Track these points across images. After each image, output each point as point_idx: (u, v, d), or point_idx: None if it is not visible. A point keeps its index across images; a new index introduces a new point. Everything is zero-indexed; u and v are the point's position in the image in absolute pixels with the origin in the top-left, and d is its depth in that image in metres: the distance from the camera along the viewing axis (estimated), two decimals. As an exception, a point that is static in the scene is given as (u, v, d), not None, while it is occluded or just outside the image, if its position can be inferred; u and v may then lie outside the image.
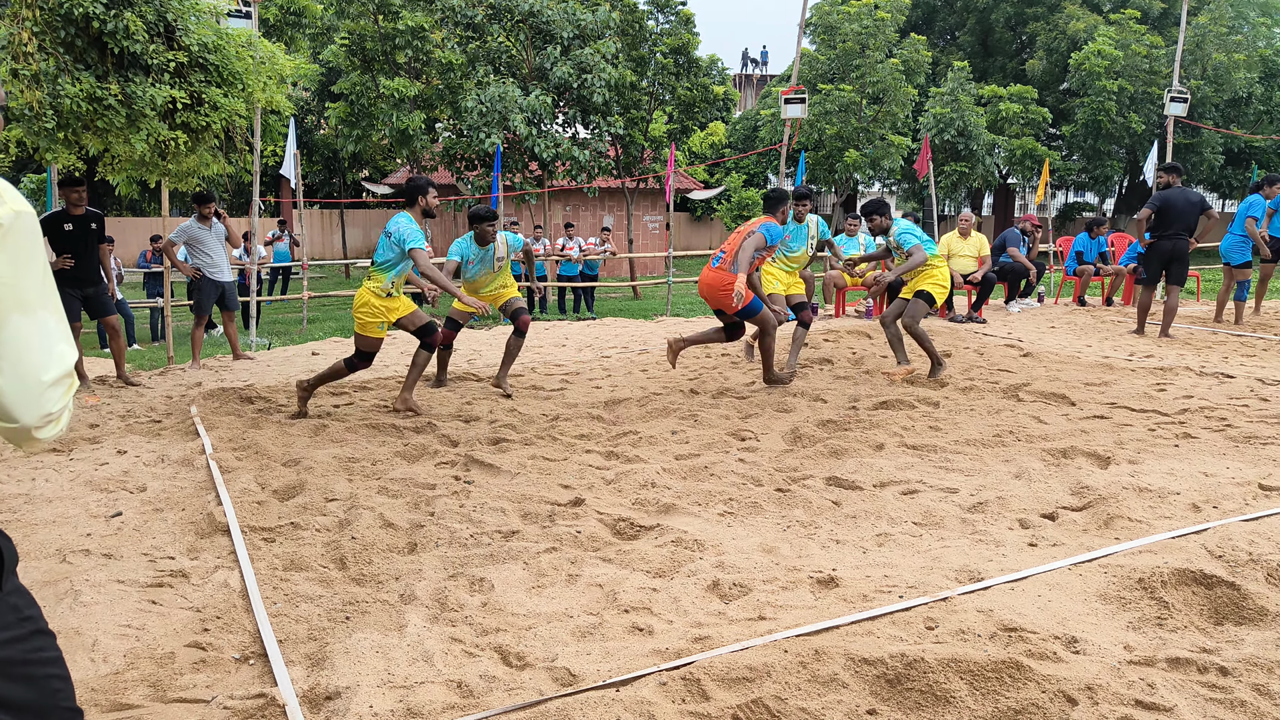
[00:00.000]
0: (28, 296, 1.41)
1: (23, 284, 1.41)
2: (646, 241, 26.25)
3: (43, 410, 1.43)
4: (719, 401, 6.49)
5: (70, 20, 5.89)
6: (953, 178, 25.41)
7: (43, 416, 1.43)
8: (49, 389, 1.43)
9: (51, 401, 1.44)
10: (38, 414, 1.43)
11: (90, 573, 3.44)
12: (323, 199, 28.28)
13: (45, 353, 1.43)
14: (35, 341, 1.42)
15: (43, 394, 1.42)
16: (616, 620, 3.01)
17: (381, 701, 2.49)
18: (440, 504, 4.20)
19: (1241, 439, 5.16)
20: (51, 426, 1.46)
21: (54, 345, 1.44)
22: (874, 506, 4.11)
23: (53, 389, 1.44)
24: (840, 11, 23.75)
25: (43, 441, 1.47)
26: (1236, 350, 8.59)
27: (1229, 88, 25.54)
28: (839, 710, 2.41)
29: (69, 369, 1.46)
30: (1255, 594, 2.99)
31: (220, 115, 6.62)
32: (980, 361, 7.98)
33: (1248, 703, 2.41)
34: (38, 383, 1.42)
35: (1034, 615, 2.89)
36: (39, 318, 1.43)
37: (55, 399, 1.45)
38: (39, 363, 1.42)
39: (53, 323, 1.45)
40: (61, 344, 1.46)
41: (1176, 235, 9.13)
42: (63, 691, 1.53)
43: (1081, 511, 4.02)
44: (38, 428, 1.44)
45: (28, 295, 1.41)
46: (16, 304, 1.40)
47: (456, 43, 17.31)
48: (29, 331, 1.41)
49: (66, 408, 1.47)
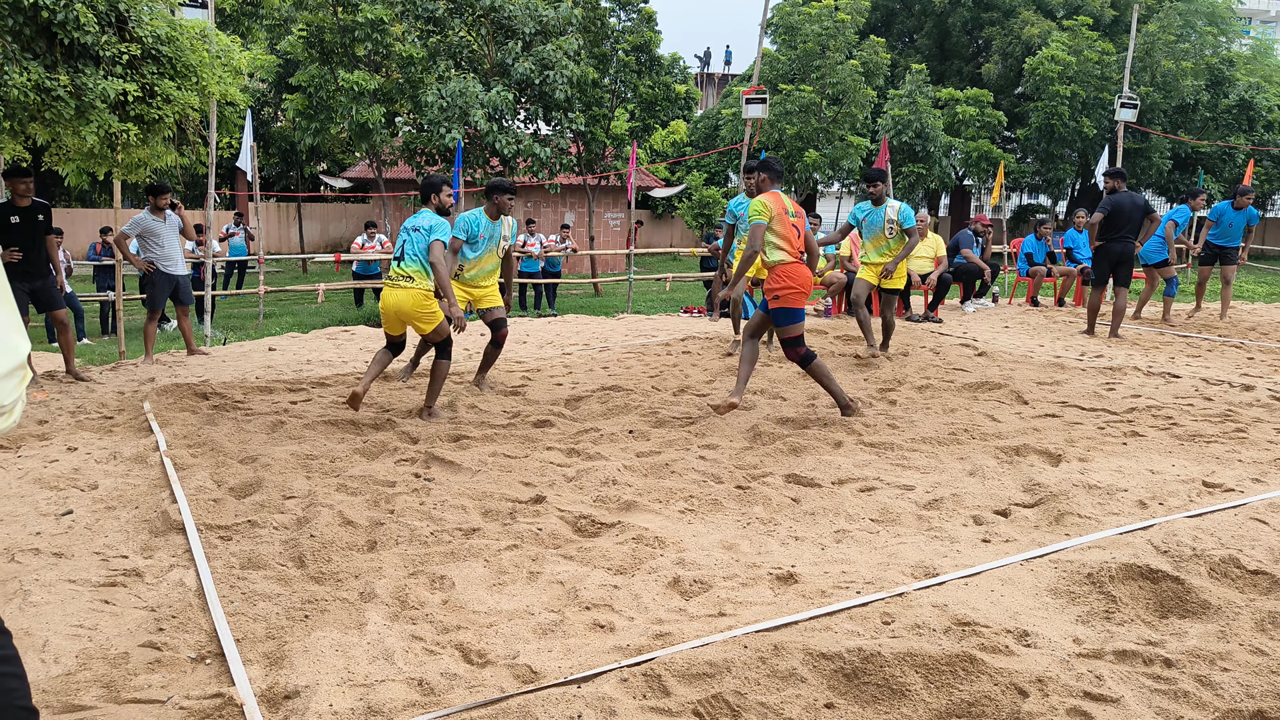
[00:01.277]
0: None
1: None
2: (608, 239, 26.23)
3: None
4: (679, 399, 6.53)
5: (19, 9, 5.74)
6: (910, 179, 25.73)
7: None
8: (1, 381, 1.41)
9: (4, 394, 1.42)
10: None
11: (40, 572, 3.37)
12: (280, 192, 27.86)
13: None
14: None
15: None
16: (578, 617, 3.02)
17: (341, 700, 2.47)
18: (400, 501, 4.17)
19: (1187, 437, 5.31)
20: (4, 419, 1.43)
21: (6, 337, 1.42)
22: (832, 504, 4.16)
23: (5, 381, 1.41)
24: (801, 12, 23.92)
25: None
26: (1182, 351, 8.82)
27: (1177, 94, 26.16)
28: (797, 704, 2.45)
29: (22, 361, 1.44)
30: (1199, 588, 3.09)
31: (173, 108, 6.49)
32: (936, 360, 8.10)
33: (1191, 693, 2.49)
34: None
35: (987, 610, 2.96)
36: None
37: (8, 391, 1.42)
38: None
39: (4, 315, 1.43)
40: (14, 335, 1.43)
41: (1124, 238, 9.37)
42: (17, 690, 1.51)
43: (1033, 508, 4.11)
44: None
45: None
46: None
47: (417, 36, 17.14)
48: None
49: (20, 399, 1.45)
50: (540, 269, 15.68)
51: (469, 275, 6.80)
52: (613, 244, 25.99)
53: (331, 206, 29.19)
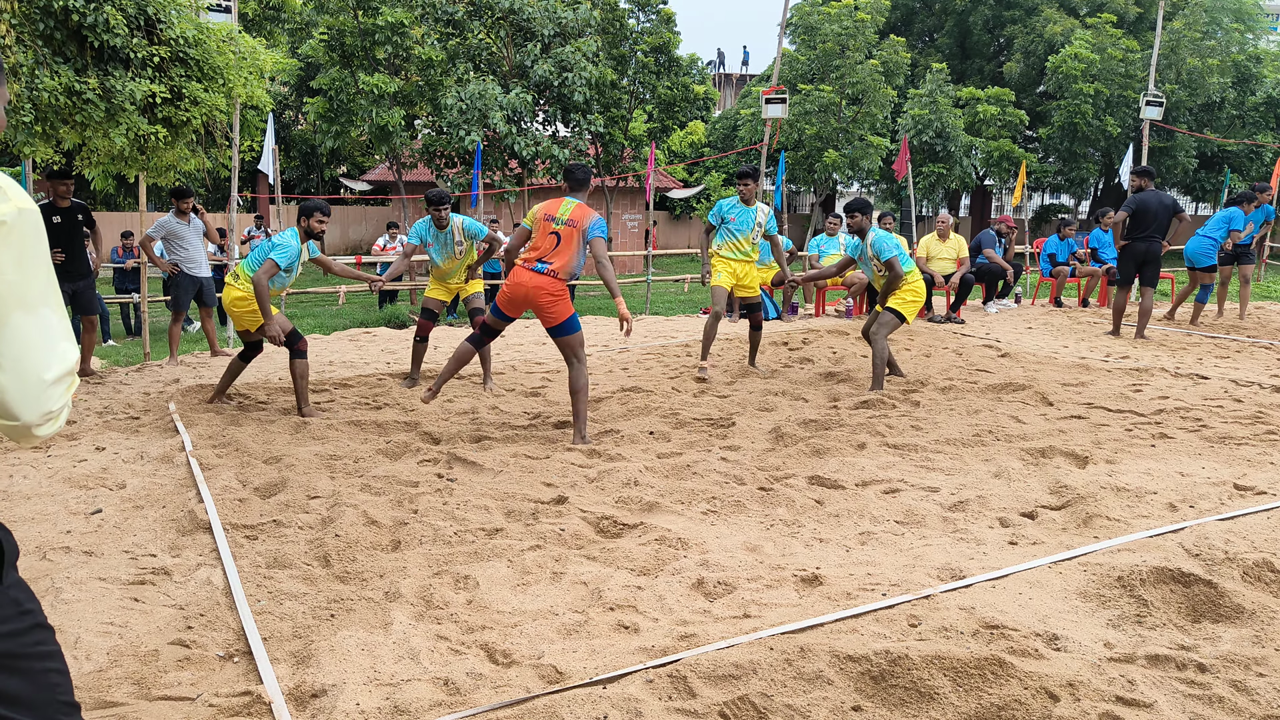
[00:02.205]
0: (31, 294, 1.40)
1: (26, 282, 1.40)
2: (625, 240, 26.24)
3: (43, 408, 1.42)
4: (700, 400, 6.51)
5: (49, 13, 5.81)
6: (930, 179, 25.61)
7: (43, 414, 1.43)
8: (50, 387, 1.42)
9: (52, 399, 1.43)
10: (38, 412, 1.42)
11: (71, 570, 3.41)
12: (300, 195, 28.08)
13: (47, 351, 1.42)
14: (37, 340, 1.41)
15: (44, 392, 1.41)
16: (602, 618, 3.02)
17: (368, 699, 2.48)
18: (423, 501, 4.19)
19: (1216, 439, 5.24)
20: (51, 424, 1.45)
21: (56, 343, 1.43)
22: (856, 505, 4.14)
23: (54, 387, 1.43)
24: (820, 12, 23.86)
25: (41, 438, 1.46)
26: (1210, 351, 8.72)
27: (1203, 92, 25.89)
28: (824, 707, 2.43)
29: (71, 367, 1.46)
30: (1232, 592, 3.05)
31: (200, 110, 6.55)
32: (959, 362, 8.05)
33: (1225, 699, 2.46)
34: (39, 381, 1.41)
35: (1015, 613, 2.93)
36: (41, 315, 1.42)
37: (56, 397, 1.44)
38: (41, 361, 1.41)
39: (55, 320, 1.44)
40: (63, 342, 1.45)
41: (1150, 238, 9.27)
42: (61, 685, 1.53)
43: (1060, 510, 4.07)
44: (37, 425, 1.43)
45: (31, 293, 1.40)
46: (19, 302, 1.39)
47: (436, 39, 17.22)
48: (31, 329, 1.40)
49: (66, 405, 1.47)
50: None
51: (444, 274, 7.20)
52: (630, 245, 26.00)
53: (352, 209, 29.38)
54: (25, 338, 1.40)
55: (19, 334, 1.39)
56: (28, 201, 1.42)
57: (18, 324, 1.39)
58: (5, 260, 1.37)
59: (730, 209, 7.48)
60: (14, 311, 1.38)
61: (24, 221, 1.40)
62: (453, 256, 7.07)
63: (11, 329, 1.38)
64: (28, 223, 1.41)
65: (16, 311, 1.39)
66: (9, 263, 1.38)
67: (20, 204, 1.40)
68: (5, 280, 1.37)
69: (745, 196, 7.43)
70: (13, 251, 1.38)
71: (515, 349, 9.37)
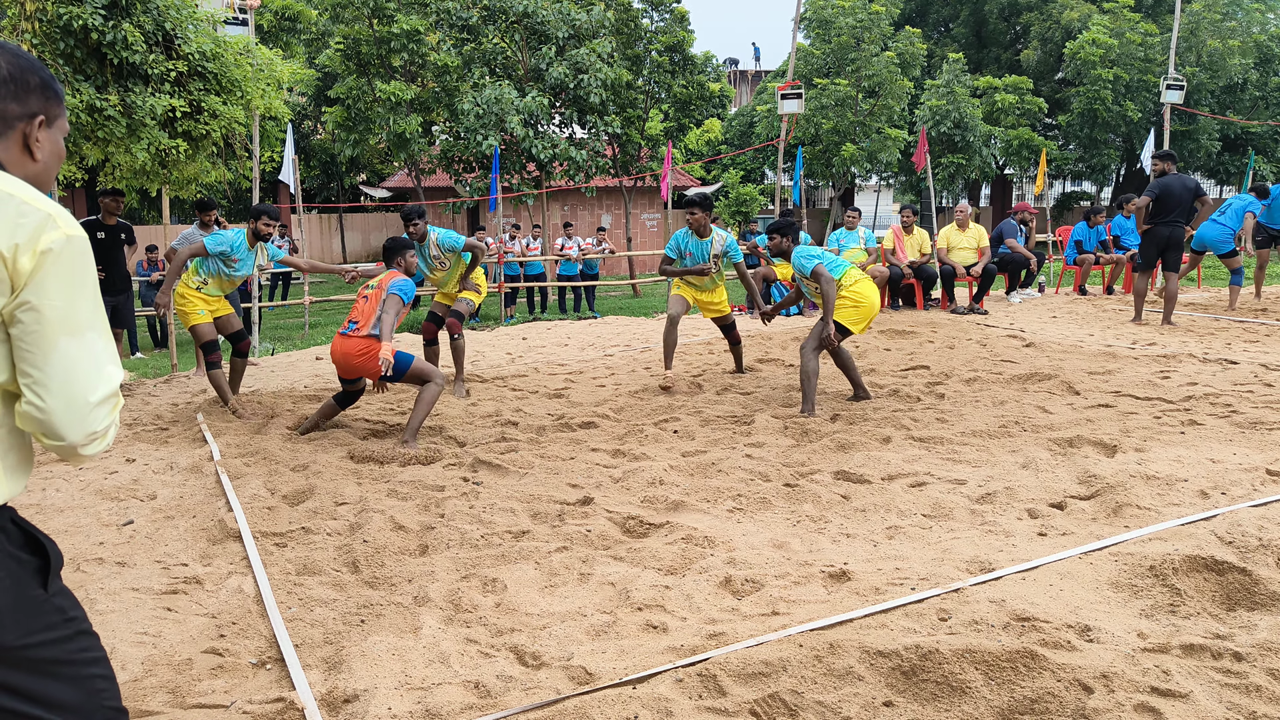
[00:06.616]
0: (77, 319, 1.44)
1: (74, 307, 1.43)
2: (645, 239, 26.24)
3: (89, 429, 1.46)
4: (723, 398, 6.50)
5: (69, 32, 5.89)
6: (950, 169, 25.43)
7: (88, 435, 1.46)
8: (96, 409, 1.46)
9: (98, 420, 1.46)
10: (84, 433, 1.45)
11: (105, 581, 3.45)
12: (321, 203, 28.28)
13: (94, 374, 1.45)
14: (84, 363, 1.44)
15: (90, 414, 1.45)
16: (630, 618, 3.02)
17: (400, 703, 2.50)
18: (450, 505, 4.21)
19: (1247, 425, 5.17)
20: (97, 443, 1.48)
21: (102, 366, 1.47)
22: (883, 500, 4.12)
23: (99, 408, 1.46)
24: (835, 6, 23.75)
25: (88, 456, 1.49)
26: (1239, 336, 8.60)
27: (1224, 74, 25.52)
28: (856, 703, 2.42)
29: (115, 389, 1.49)
30: (1267, 579, 3.00)
31: (220, 123, 6.63)
32: (983, 353, 7.99)
33: (1263, 687, 2.42)
34: (85, 403, 1.44)
35: (1046, 604, 2.91)
36: (87, 340, 1.45)
37: (101, 418, 1.47)
38: (87, 384, 1.44)
39: (100, 344, 1.47)
40: (109, 365, 1.48)
41: (1174, 222, 9.16)
42: (106, 691, 1.56)
43: (1090, 500, 4.03)
44: (83, 445, 1.46)
45: (77, 318, 1.44)
46: (66, 327, 1.42)
47: (452, 45, 17.29)
48: (78, 354, 1.43)
49: (113, 424, 1.50)
50: (578, 271, 15.74)
51: (438, 284, 7.21)
52: (650, 245, 25.98)
53: (372, 216, 29.57)
54: (72, 362, 1.43)
55: (66, 358, 1.42)
56: (76, 228, 1.45)
57: (65, 349, 1.42)
58: (53, 287, 1.40)
59: (686, 243, 7.04)
60: (61, 337, 1.42)
61: (72, 249, 1.43)
62: (435, 268, 7.03)
63: (59, 354, 1.42)
64: (76, 250, 1.44)
65: (63, 337, 1.42)
66: (57, 289, 1.41)
67: (69, 231, 1.43)
68: (53, 306, 1.40)
69: (694, 227, 6.94)
70: (61, 278, 1.41)
71: (539, 351, 9.40)
